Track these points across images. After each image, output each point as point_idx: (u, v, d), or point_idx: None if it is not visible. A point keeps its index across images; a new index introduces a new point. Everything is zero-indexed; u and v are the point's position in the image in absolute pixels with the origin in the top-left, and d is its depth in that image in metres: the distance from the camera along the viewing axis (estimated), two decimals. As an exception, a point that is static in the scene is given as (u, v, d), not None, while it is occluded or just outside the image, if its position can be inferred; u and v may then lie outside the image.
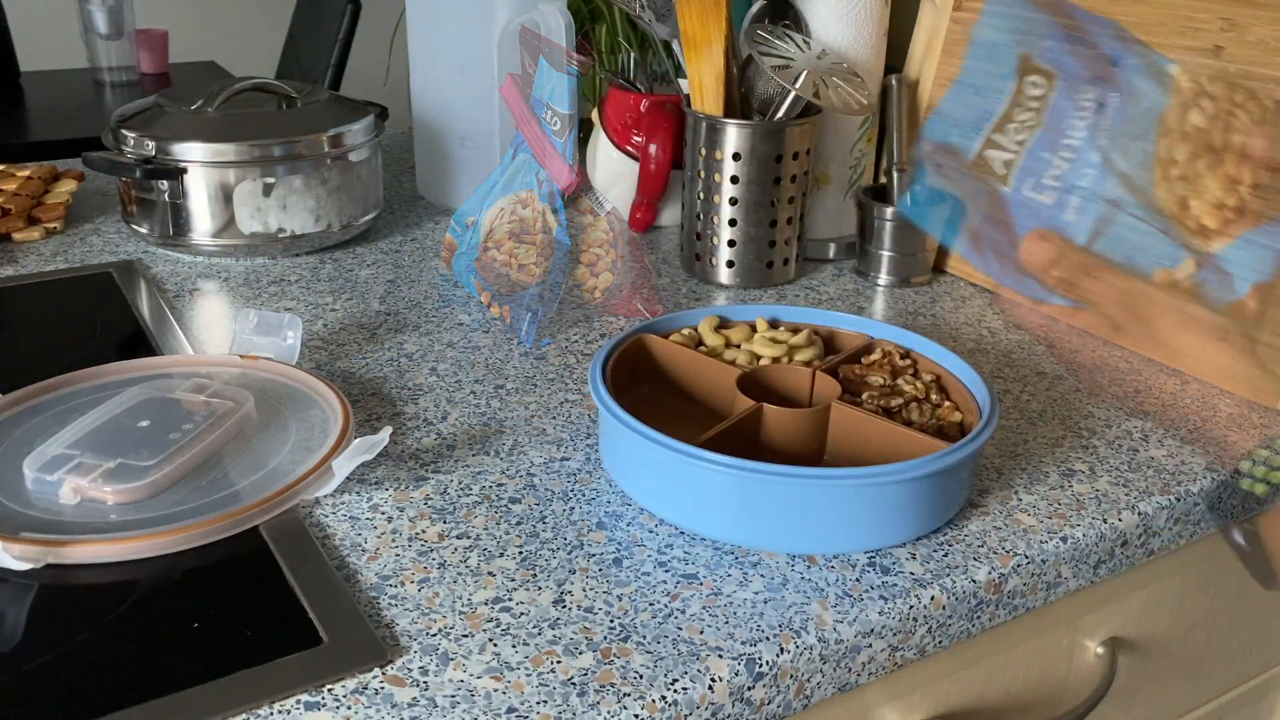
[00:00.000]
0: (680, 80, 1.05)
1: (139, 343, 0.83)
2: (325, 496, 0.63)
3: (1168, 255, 0.59)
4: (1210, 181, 0.58)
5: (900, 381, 0.69)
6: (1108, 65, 0.59)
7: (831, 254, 1.04)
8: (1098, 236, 0.59)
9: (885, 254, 0.96)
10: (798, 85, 0.88)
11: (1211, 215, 0.58)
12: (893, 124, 0.98)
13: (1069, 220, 0.59)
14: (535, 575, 0.57)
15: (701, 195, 0.95)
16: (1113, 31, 0.60)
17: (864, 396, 0.67)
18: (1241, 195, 0.58)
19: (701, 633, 0.53)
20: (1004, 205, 0.60)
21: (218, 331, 0.85)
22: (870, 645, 0.56)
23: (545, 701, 0.49)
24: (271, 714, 0.48)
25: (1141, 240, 0.59)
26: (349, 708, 0.48)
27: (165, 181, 0.95)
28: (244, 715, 0.48)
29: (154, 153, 0.95)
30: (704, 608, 0.55)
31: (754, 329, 0.75)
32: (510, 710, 0.48)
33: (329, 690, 0.49)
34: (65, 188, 1.10)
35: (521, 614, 0.54)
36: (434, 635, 0.53)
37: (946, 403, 0.67)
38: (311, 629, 0.52)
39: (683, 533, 0.61)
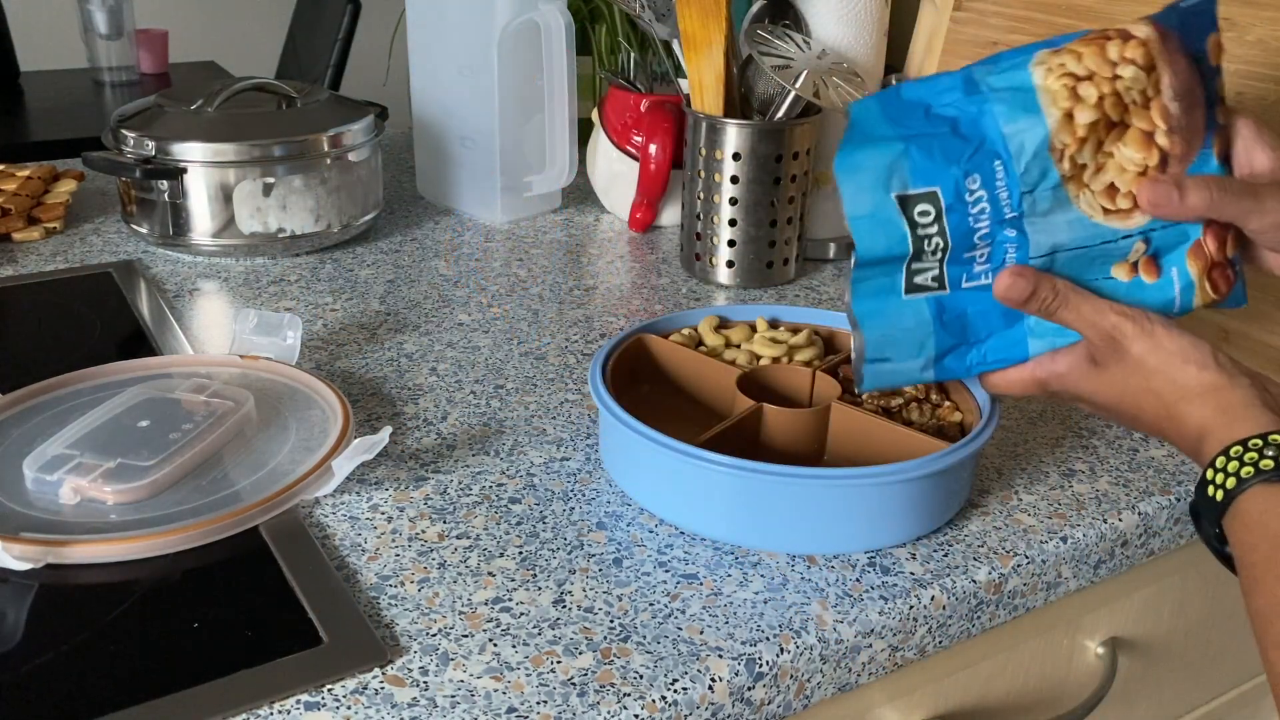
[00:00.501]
0: (680, 80, 1.05)
1: (139, 343, 0.83)
2: (325, 496, 0.63)
3: (1116, 253, 0.58)
4: (1127, 150, 0.56)
5: (900, 381, 0.69)
6: (973, 134, 0.57)
7: (831, 254, 1.04)
8: None
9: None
10: (798, 85, 0.88)
11: (1139, 184, 0.57)
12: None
13: None
14: (535, 575, 0.57)
15: (701, 195, 0.95)
16: (959, 87, 0.57)
17: (864, 396, 0.67)
18: (1161, 145, 0.56)
19: (701, 633, 0.53)
20: (950, 309, 0.60)
21: (218, 331, 0.85)
22: (870, 645, 0.56)
23: (545, 701, 0.49)
24: (271, 714, 0.48)
25: (1086, 262, 0.58)
26: (349, 708, 0.48)
27: (165, 181, 0.95)
28: (244, 715, 0.48)
29: (154, 153, 0.95)
30: (704, 608, 0.55)
31: (754, 329, 0.75)
32: (510, 710, 0.48)
33: (329, 690, 0.49)
34: (65, 188, 1.09)
35: (521, 614, 0.54)
36: (434, 635, 0.53)
37: (946, 403, 0.67)
38: (311, 629, 0.52)
39: (683, 533, 0.61)
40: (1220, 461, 0.51)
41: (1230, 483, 0.50)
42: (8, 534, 0.56)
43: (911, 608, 0.57)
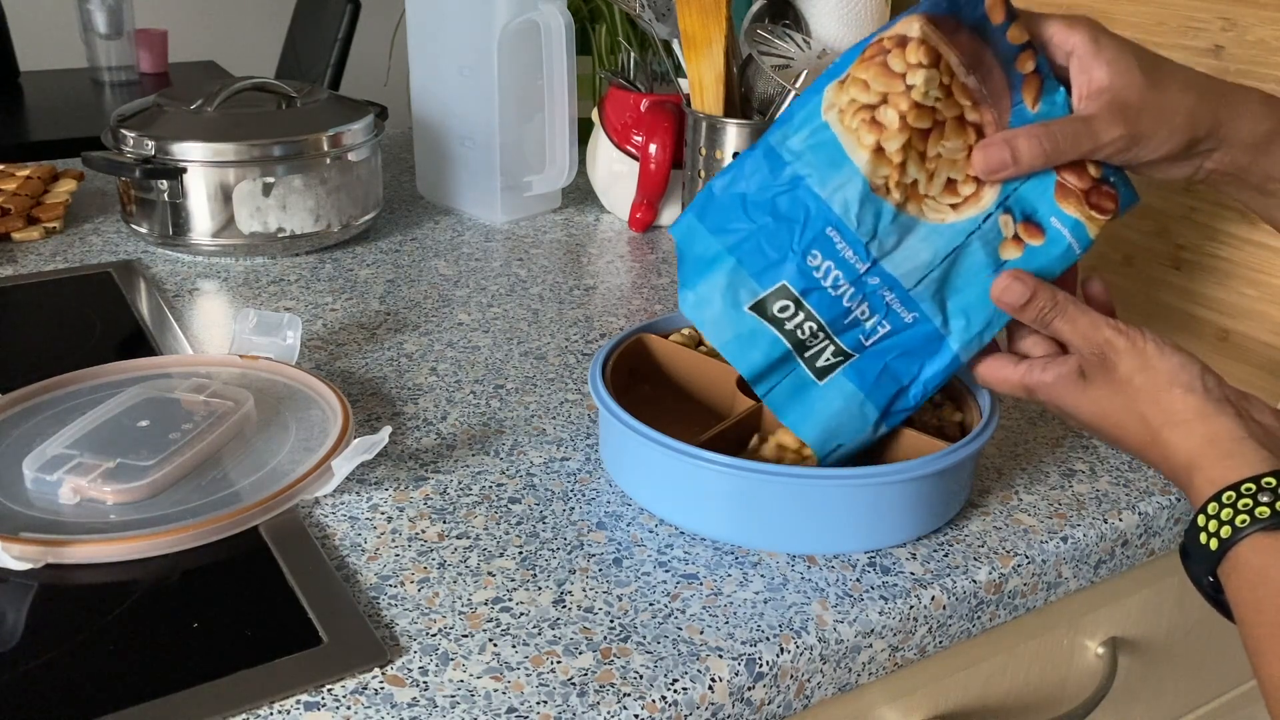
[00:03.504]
0: (680, 80, 1.05)
1: (139, 343, 0.83)
2: (325, 496, 0.63)
3: (990, 237, 0.57)
4: (949, 143, 0.55)
5: (900, 381, 0.69)
6: (795, 211, 0.56)
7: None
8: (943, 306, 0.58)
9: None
10: (798, 85, 0.88)
11: (969, 165, 0.56)
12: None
13: (908, 321, 0.58)
14: (535, 575, 0.57)
15: (701, 195, 0.95)
16: (763, 165, 0.56)
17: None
18: (972, 121, 0.55)
19: (701, 633, 0.53)
20: (869, 370, 0.59)
21: (217, 331, 0.85)
22: (870, 645, 0.56)
23: (545, 701, 0.49)
24: (271, 714, 0.48)
25: (970, 263, 0.57)
26: (349, 708, 0.48)
27: (165, 181, 0.95)
28: (244, 715, 0.48)
29: (154, 152, 0.95)
30: (704, 608, 0.55)
31: (754, 329, 0.74)
32: (510, 710, 0.48)
33: (329, 690, 0.49)
34: (65, 187, 1.09)
35: (521, 614, 0.54)
36: (434, 635, 0.53)
37: (947, 403, 0.67)
38: (311, 629, 0.52)
39: (683, 533, 0.61)
40: (1212, 507, 0.49)
41: (1225, 531, 0.48)
42: (8, 534, 0.56)
43: (911, 608, 0.57)
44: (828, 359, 0.59)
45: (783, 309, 0.58)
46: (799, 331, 0.58)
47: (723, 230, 0.58)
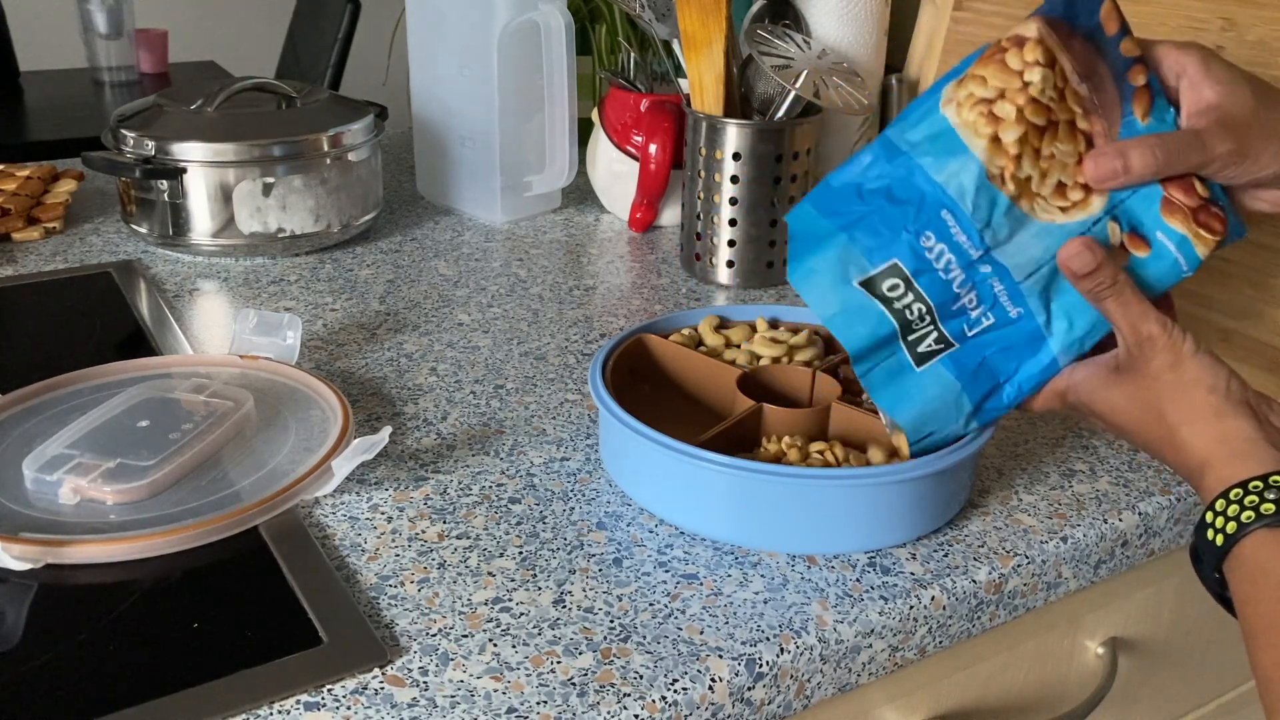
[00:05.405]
0: (680, 80, 1.05)
1: (139, 343, 0.83)
2: (325, 496, 0.63)
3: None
4: (1061, 145, 0.56)
5: (900, 381, 0.69)
6: (910, 195, 0.56)
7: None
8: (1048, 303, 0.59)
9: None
10: (798, 85, 0.88)
11: (1079, 172, 0.56)
12: (893, 124, 0.98)
13: (1013, 316, 0.58)
14: (535, 575, 0.57)
15: (701, 195, 0.95)
16: (882, 156, 0.57)
17: (864, 396, 0.67)
18: (1083, 129, 0.56)
19: (701, 633, 0.53)
20: (968, 361, 0.59)
21: (217, 331, 0.85)
22: (870, 645, 0.56)
23: (545, 701, 0.49)
24: (271, 714, 0.48)
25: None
26: (349, 708, 0.48)
27: (165, 181, 0.95)
28: (244, 715, 0.48)
29: (153, 152, 0.95)
30: (704, 608, 0.55)
31: (754, 329, 0.75)
32: (510, 710, 0.48)
33: (329, 690, 0.49)
34: (65, 188, 1.09)
35: (521, 614, 0.54)
36: (434, 635, 0.53)
37: (947, 403, 0.67)
38: (311, 629, 0.52)
39: (683, 533, 0.61)
40: (1220, 504, 0.50)
41: (1230, 527, 0.49)
42: (8, 534, 0.56)
43: (911, 608, 0.57)
44: (929, 345, 0.59)
45: (892, 288, 0.58)
46: (907, 312, 0.58)
47: (836, 213, 0.58)
